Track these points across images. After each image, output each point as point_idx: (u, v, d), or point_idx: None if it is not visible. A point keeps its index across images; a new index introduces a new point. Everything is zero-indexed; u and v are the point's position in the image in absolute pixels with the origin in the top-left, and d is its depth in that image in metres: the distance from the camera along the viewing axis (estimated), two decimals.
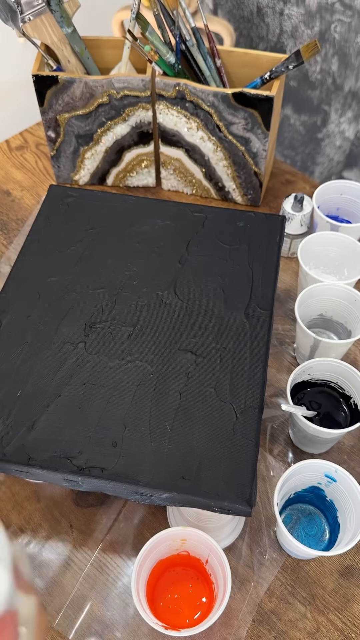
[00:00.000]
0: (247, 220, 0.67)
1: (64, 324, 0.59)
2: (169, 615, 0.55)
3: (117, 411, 0.53)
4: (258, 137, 0.80)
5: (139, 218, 0.67)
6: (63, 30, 0.79)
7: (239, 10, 1.32)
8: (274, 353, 0.75)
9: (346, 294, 0.68)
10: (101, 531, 0.62)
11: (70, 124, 0.84)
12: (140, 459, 0.51)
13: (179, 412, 0.53)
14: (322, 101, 1.31)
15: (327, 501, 0.60)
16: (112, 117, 0.83)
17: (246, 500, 0.48)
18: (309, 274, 0.69)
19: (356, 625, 0.57)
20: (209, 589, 0.57)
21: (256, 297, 0.60)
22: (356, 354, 0.75)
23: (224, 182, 0.88)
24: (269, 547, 0.61)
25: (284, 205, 0.80)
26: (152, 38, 0.75)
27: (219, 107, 0.78)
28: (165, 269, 0.63)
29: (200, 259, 0.64)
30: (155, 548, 0.53)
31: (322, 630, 0.57)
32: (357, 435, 0.69)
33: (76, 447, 0.51)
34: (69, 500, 0.64)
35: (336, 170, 1.43)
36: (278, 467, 0.66)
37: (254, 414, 0.53)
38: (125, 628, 0.57)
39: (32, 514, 0.64)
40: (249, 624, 0.57)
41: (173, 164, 0.89)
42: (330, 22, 1.16)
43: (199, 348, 0.57)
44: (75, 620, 0.58)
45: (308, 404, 0.66)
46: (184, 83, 0.77)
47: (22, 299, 0.61)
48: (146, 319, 0.59)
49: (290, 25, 1.24)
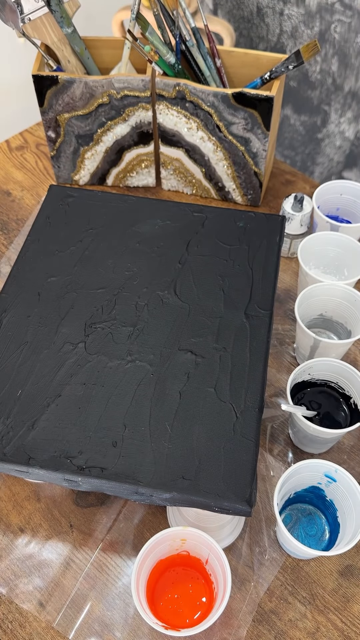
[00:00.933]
0: (247, 220, 0.67)
1: (64, 324, 0.59)
2: (169, 615, 0.55)
3: (117, 411, 0.53)
4: (258, 137, 0.80)
5: (139, 218, 0.67)
6: (63, 31, 0.79)
7: (239, 11, 1.32)
8: (274, 353, 0.75)
9: (346, 294, 0.68)
10: (101, 531, 0.63)
11: (71, 124, 0.84)
12: (140, 459, 0.51)
13: (179, 412, 0.53)
14: (322, 101, 1.31)
15: (327, 501, 0.60)
16: (112, 117, 0.83)
17: (246, 500, 0.48)
18: (309, 274, 0.69)
19: (356, 625, 0.58)
20: (209, 589, 0.57)
21: (256, 297, 0.60)
22: (356, 354, 0.75)
23: (224, 182, 0.88)
24: (269, 547, 0.61)
25: (284, 205, 0.80)
26: (152, 38, 0.75)
27: (219, 107, 0.78)
28: (165, 269, 0.63)
29: (200, 259, 0.64)
30: (155, 548, 0.53)
31: (322, 630, 0.57)
32: (357, 435, 0.69)
33: (76, 447, 0.51)
34: (69, 500, 0.64)
35: (336, 170, 1.43)
36: (278, 467, 0.66)
37: (254, 414, 0.53)
38: (125, 628, 0.57)
39: (32, 514, 0.64)
40: (249, 624, 0.57)
41: (173, 164, 0.89)
42: (330, 22, 1.16)
43: (199, 348, 0.57)
44: (75, 620, 0.58)
45: (308, 404, 0.66)
46: (184, 83, 0.78)
47: (22, 299, 0.61)
48: (146, 319, 0.59)
49: (290, 26, 1.24)
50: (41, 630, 0.58)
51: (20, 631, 0.58)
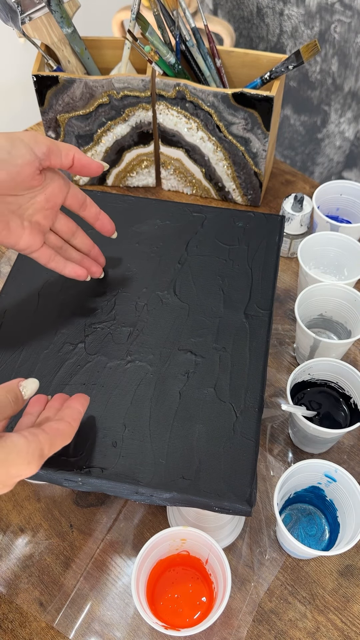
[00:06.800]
0: (247, 220, 0.67)
1: (64, 324, 0.59)
2: (169, 615, 0.56)
3: (117, 411, 0.53)
4: (258, 137, 0.80)
5: (138, 218, 0.67)
6: (63, 31, 0.80)
7: (239, 11, 1.32)
8: (274, 353, 0.75)
9: (346, 294, 0.68)
10: (101, 531, 0.63)
11: (71, 124, 0.84)
12: (140, 459, 0.51)
13: (178, 412, 0.53)
14: (322, 101, 1.31)
15: (327, 501, 0.60)
16: (112, 118, 0.83)
17: (246, 499, 0.48)
18: (309, 274, 0.69)
19: (356, 625, 0.58)
20: (209, 588, 0.57)
21: (256, 297, 0.60)
22: (356, 354, 0.75)
23: (224, 182, 0.88)
24: (269, 547, 0.61)
25: (283, 205, 0.81)
26: (152, 38, 0.75)
27: (219, 107, 0.78)
28: (165, 269, 0.63)
29: (200, 259, 0.64)
30: (155, 548, 0.53)
31: (322, 630, 0.57)
32: (357, 435, 0.69)
33: (76, 447, 0.51)
34: (69, 500, 0.64)
35: (336, 170, 1.43)
36: (278, 467, 0.66)
37: (254, 414, 0.53)
38: (125, 628, 0.57)
39: (32, 514, 0.64)
40: (249, 624, 0.57)
41: (173, 164, 0.89)
42: (330, 23, 1.16)
43: (198, 348, 0.57)
44: (75, 620, 0.58)
45: (308, 404, 0.66)
46: (184, 83, 0.78)
47: (22, 299, 0.61)
48: (146, 319, 0.59)
49: (290, 26, 1.24)
50: (41, 630, 0.58)
51: (20, 631, 0.58)
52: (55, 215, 0.55)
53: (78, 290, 0.62)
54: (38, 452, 0.41)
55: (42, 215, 0.53)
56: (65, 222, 0.57)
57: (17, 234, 0.52)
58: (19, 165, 0.48)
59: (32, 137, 0.50)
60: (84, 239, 0.59)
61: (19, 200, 0.51)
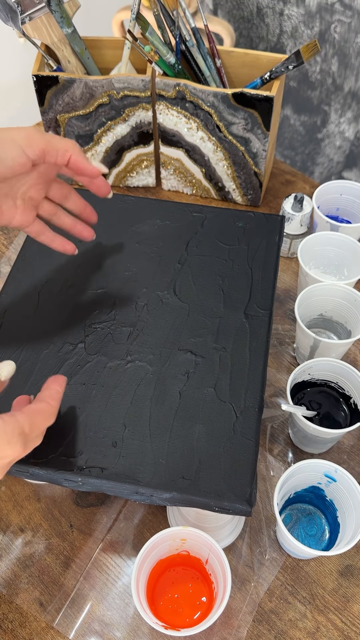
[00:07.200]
0: (247, 220, 0.67)
1: (64, 324, 0.59)
2: (169, 615, 0.56)
3: (117, 411, 0.53)
4: (258, 137, 0.80)
5: (138, 218, 0.67)
6: (63, 31, 0.80)
7: (239, 11, 1.32)
8: (274, 353, 0.75)
9: (346, 294, 0.68)
10: (101, 531, 0.63)
11: (71, 124, 0.84)
12: (140, 459, 0.51)
13: (178, 412, 0.53)
14: (322, 101, 1.31)
15: (327, 501, 0.60)
16: (112, 118, 0.83)
17: (246, 499, 0.48)
18: (309, 274, 0.69)
19: (356, 625, 0.58)
20: (209, 588, 0.57)
21: (256, 297, 0.60)
22: (356, 354, 0.75)
23: (224, 182, 0.88)
24: (269, 547, 0.61)
25: (283, 205, 0.81)
26: (152, 38, 0.75)
27: (219, 107, 0.78)
28: (165, 269, 0.63)
29: (200, 259, 0.64)
30: (155, 548, 0.53)
31: (322, 630, 0.57)
32: (357, 435, 0.69)
33: (76, 447, 0.51)
34: (69, 500, 0.64)
35: (336, 170, 1.43)
36: (278, 467, 0.66)
37: (254, 414, 0.53)
38: (125, 628, 0.57)
39: (32, 514, 0.64)
40: (249, 624, 0.57)
41: (173, 164, 0.89)
42: (330, 23, 1.16)
43: (198, 348, 0.57)
44: (75, 620, 0.58)
45: (308, 404, 0.66)
46: (184, 83, 0.78)
47: (22, 299, 0.61)
48: (146, 319, 0.59)
49: (290, 26, 1.24)
50: (41, 630, 0.58)
51: (20, 631, 0.58)
52: (49, 185, 0.55)
53: (78, 290, 0.62)
54: (18, 430, 0.42)
55: (35, 190, 0.54)
56: (58, 187, 0.57)
57: (10, 214, 0.53)
58: (9, 167, 0.48)
59: (26, 137, 0.49)
60: (77, 200, 0.59)
61: (11, 182, 0.51)
